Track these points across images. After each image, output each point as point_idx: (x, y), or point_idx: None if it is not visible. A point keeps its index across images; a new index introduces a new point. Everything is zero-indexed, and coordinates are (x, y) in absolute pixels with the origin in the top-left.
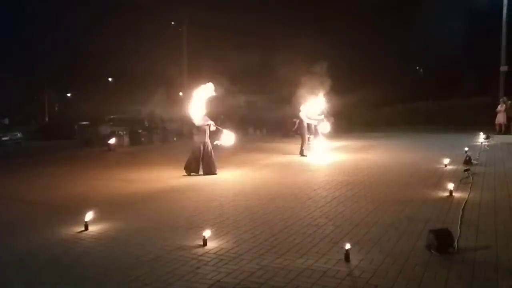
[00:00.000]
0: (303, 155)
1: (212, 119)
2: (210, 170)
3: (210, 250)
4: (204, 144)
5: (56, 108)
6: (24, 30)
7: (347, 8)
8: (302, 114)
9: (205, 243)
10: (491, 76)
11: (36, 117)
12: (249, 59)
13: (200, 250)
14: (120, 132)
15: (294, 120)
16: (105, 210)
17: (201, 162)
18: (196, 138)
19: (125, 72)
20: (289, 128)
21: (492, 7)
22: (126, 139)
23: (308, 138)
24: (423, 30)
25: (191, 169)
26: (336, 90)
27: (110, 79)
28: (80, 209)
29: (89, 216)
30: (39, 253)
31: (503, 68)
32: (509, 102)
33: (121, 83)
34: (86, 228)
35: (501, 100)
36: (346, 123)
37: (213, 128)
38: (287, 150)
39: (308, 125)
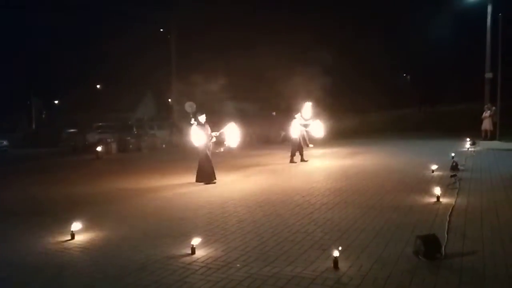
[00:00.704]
0: (294, 162)
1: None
2: (213, 177)
3: (198, 258)
4: (209, 150)
5: (43, 115)
6: (10, 37)
7: (337, 15)
8: (295, 122)
9: (193, 252)
10: (477, 83)
11: (23, 124)
12: (239, 66)
13: (188, 259)
14: (108, 139)
15: (281, 132)
16: (92, 218)
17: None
18: (201, 147)
19: (113, 79)
20: (278, 136)
21: (477, 16)
22: (114, 146)
23: (307, 145)
24: (410, 38)
25: (209, 178)
26: (325, 97)
27: (98, 86)
28: (66, 218)
29: (75, 225)
30: (24, 263)
31: (488, 75)
32: (494, 108)
33: (109, 90)
34: (73, 237)
35: (486, 106)
36: (334, 129)
37: (213, 140)
38: (275, 157)
39: (303, 132)
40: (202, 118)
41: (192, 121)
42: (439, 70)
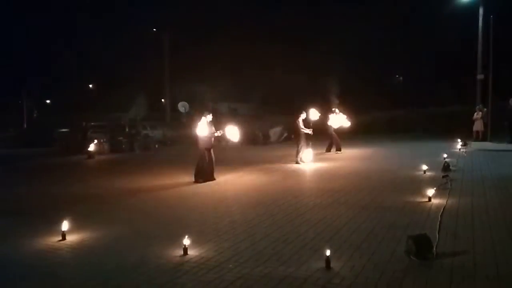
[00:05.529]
0: (299, 163)
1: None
2: (210, 177)
3: (191, 259)
4: (209, 150)
5: (35, 115)
6: (2, 37)
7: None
8: (299, 123)
9: (185, 252)
10: (468, 84)
11: (14, 123)
12: (232, 67)
13: (180, 259)
14: (100, 139)
15: (279, 128)
16: (84, 219)
17: (205, 168)
18: (201, 144)
19: (106, 79)
20: (268, 136)
21: (469, 17)
22: (106, 147)
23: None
24: (402, 39)
25: (202, 177)
26: (318, 99)
27: (90, 86)
28: (57, 218)
29: (66, 225)
30: (13, 264)
31: (480, 76)
32: (485, 109)
33: (102, 90)
34: (64, 238)
35: (477, 108)
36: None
37: (218, 134)
38: (267, 158)
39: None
40: (209, 117)
41: (203, 118)
42: (431, 71)
